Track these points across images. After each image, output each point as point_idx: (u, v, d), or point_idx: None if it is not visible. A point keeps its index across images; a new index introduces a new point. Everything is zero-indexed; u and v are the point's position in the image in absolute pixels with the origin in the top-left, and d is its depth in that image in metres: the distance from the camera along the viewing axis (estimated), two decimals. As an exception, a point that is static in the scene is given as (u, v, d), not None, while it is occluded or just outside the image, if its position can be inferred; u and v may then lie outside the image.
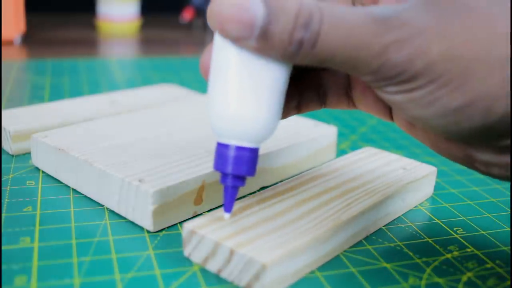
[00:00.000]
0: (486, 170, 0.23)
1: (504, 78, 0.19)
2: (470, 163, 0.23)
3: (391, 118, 0.26)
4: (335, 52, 0.20)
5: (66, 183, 0.34)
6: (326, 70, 0.27)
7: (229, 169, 0.24)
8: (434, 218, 0.33)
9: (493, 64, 0.19)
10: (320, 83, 0.27)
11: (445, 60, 0.20)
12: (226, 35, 0.21)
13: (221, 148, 0.24)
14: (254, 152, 0.24)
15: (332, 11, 0.20)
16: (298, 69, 0.26)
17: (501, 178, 0.23)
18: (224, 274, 0.26)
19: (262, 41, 0.21)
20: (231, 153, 0.24)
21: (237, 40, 0.21)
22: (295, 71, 0.26)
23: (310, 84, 0.27)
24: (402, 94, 0.21)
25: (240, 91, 0.22)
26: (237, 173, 0.24)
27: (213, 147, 0.35)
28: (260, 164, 0.35)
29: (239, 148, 0.24)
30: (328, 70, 0.27)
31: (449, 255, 0.29)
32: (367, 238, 0.30)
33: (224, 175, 0.25)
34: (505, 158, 0.22)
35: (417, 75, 0.20)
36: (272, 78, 0.22)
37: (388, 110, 0.26)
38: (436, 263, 0.28)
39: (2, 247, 0.27)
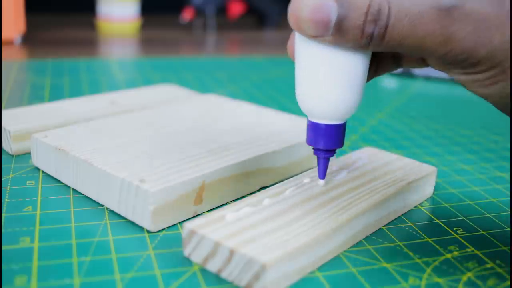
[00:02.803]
0: None
1: None
2: None
3: None
4: (402, 42, 0.22)
5: (66, 183, 0.34)
6: None
7: (321, 144, 0.28)
8: (434, 218, 0.33)
9: None
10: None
11: (505, 47, 0.21)
12: (304, 34, 0.24)
13: (313, 126, 0.28)
14: (340, 127, 0.28)
15: (399, 2, 0.22)
16: None
17: None
18: (224, 274, 0.26)
19: (337, 36, 0.23)
20: (322, 130, 0.27)
21: (314, 37, 0.23)
22: None
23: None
24: (466, 76, 0.23)
25: (325, 78, 0.25)
26: (328, 147, 0.28)
27: (213, 147, 0.35)
28: (260, 164, 0.35)
29: (328, 126, 0.27)
30: None
31: (449, 255, 0.29)
32: (367, 238, 0.30)
33: (317, 149, 0.28)
34: None
35: (480, 61, 0.22)
36: (351, 64, 0.25)
37: None
38: (436, 263, 0.28)
39: (2, 247, 0.27)
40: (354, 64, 0.25)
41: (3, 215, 0.30)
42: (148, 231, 0.30)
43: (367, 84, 0.69)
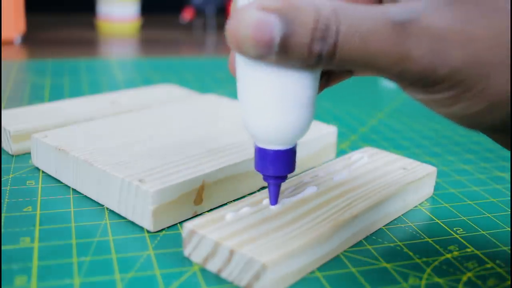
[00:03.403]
0: (504, 145, 0.23)
1: None
2: (489, 135, 0.23)
3: None
4: (354, 60, 0.20)
5: (66, 183, 0.34)
6: None
7: (270, 171, 0.26)
8: (434, 218, 0.33)
9: None
10: None
11: (468, 66, 0.19)
12: (245, 54, 0.21)
13: (261, 152, 0.25)
14: (290, 151, 0.25)
15: (349, 17, 0.20)
16: None
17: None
18: (224, 274, 0.26)
19: (282, 56, 0.21)
20: (270, 157, 0.25)
21: (257, 58, 0.21)
22: None
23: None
24: (424, 95, 0.21)
25: (270, 101, 0.23)
26: (277, 174, 0.26)
27: (213, 147, 0.35)
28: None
29: (276, 152, 0.25)
30: None
31: (449, 255, 0.29)
32: (367, 238, 0.30)
33: (266, 176, 0.26)
34: None
35: (439, 80, 0.20)
36: (298, 85, 0.23)
37: None
38: (436, 263, 0.28)
39: (2, 247, 0.27)
40: (301, 84, 0.23)
41: (3, 215, 0.30)
42: (148, 231, 0.30)
43: (367, 84, 0.69)
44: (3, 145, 0.40)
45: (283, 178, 0.26)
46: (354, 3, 0.24)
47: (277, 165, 0.25)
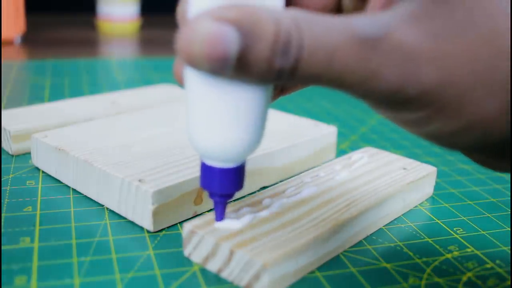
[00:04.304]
0: (480, 163, 0.22)
1: (504, 101, 0.18)
2: (467, 154, 0.22)
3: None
4: (318, 76, 0.18)
5: (66, 183, 0.34)
6: None
7: (216, 189, 0.24)
8: (434, 218, 0.33)
9: (493, 87, 0.18)
10: None
11: (440, 86, 0.18)
12: (198, 69, 0.19)
13: (206, 169, 0.24)
14: (238, 170, 0.24)
15: (313, 30, 0.18)
16: None
17: (494, 170, 0.22)
18: (224, 274, 0.26)
19: (238, 71, 0.19)
20: (216, 175, 0.24)
21: (210, 73, 0.19)
22: None
23: None
24: (394, 114, 0.20)
25: (218, 116, 0.21)
26: (224, 192, 0.24)
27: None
28: (260, 164, 0.35)
29: (223, 170, 0.24)
30: None
31: (449, 255, 0.29)
32: (367, 238, 0.30)
33: (212, 193, 0.25)
34: (504, 164, 0.21)
35: (409, 101, 0.18)
36: (250, 99, 0.21)
37: None
38: (436, 263, 0.28)
39: (2, 247, 0.27)
40: (255, 99, 0.21)
41: (3, 215, 0.30)
42: (148, 231, 0.30)
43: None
44: (3, 145, 0.40)
45: (230, 196, 0.25)
46: (314, 12, 0.22)
47: (225, 183, 0.24)
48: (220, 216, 0.26)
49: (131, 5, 1.04)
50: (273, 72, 0.18)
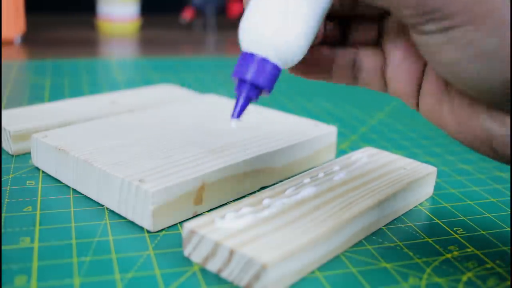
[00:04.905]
0: (503, 150, 0.23)
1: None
2: (489, 145, 0.23)
3: (417, 103, 0.26)
4: None
5: (66, 183, 0.34)
6: (365, 48, 0.27)
7: (249, 75, 0.24)
8: (434, 218, 0.33)
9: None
10: (356, 59, 0.27)
11: (483, 1, 0.20)
12: None
13: (245, 57, 0.24)
14: (275, 69, 0.24)
15: None
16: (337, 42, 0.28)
17: None
18: (224, 274, 0.26)
19: None
20: (254, 62, 0.24)
21: None
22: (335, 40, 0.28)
23: (346, 56, 0.27)
24: (440, 34, 0.21)
25: (274, 7, 0.23)
26: (256, 82, 0.24)
27: (213, 147, 0.35)
28: (260, 164, 0.35)
29: (263, 60, 0.24)
30: (367, 49, 0.27)
31: (449, 255, 0.29)
32: (367, 238, 0.30)
33: (241, 83, 0.25)
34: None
35: (455, 12, 0.20)
36: (308, 1, 0.23)
37: (417, 90, 0.26)
38: (436, 263, 0.28)
39: (2, 247, 0.27)
40: (311, 1, 0.23)
41: (3, 215, 0.30)
42: (148, 231, 0.30)
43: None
44: (3, 145, 0.40)
45: (256, 92, 0.25)
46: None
47: (260, 73, 0.24)
48: (239, 113, 0.25)
49: (131, 5, 1.04)
50: None
